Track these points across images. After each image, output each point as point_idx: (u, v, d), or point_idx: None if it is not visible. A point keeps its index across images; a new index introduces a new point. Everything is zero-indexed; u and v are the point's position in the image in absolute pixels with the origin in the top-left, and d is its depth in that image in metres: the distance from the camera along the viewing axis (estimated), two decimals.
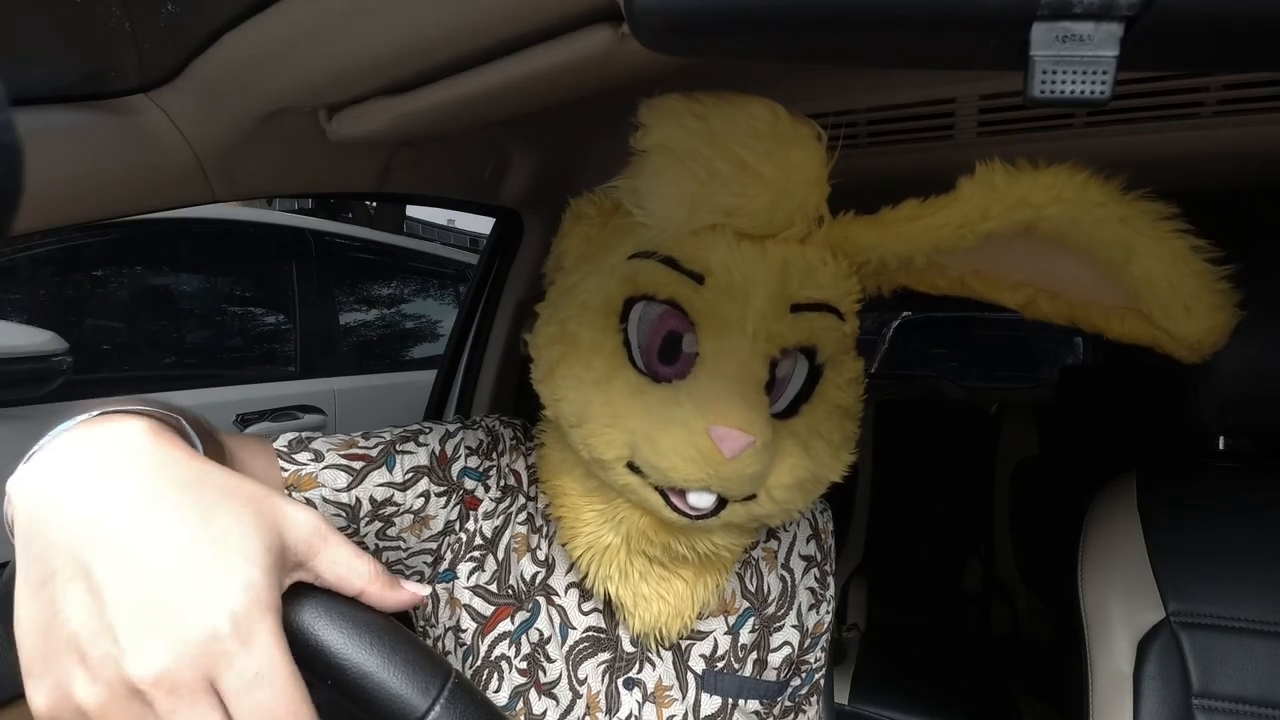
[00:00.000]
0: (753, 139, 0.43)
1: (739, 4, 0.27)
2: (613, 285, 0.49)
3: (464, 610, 0.56)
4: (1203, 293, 0.44)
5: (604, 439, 0.48)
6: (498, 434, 0.60)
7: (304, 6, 0.43)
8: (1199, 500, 0.74)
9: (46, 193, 0.48)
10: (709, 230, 0.47)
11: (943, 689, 1.44)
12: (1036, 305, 0.50)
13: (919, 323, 3.72)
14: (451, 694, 0.27)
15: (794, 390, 0.50)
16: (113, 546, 0.25)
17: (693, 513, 0.47)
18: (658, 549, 0.52)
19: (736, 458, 0.44)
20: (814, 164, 0.46)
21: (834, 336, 0.49)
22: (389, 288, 2.83)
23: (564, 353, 0.50)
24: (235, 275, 2.17)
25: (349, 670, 0.26)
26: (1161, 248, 0.43)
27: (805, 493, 0.50)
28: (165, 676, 0.23)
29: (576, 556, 0.55)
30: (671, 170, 0.45)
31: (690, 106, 0.44)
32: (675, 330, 0.49)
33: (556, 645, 0.56)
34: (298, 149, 0.62)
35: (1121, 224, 0.43)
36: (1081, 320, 0.50)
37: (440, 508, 0.54)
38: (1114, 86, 0.26)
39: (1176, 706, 0.68)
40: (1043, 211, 0.43)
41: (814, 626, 0.64)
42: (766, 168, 0.44)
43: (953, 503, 1.92)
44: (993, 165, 0.44)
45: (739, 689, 0.59)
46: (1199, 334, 0.45)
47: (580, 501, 0.54)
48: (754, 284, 0.46)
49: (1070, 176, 0.42)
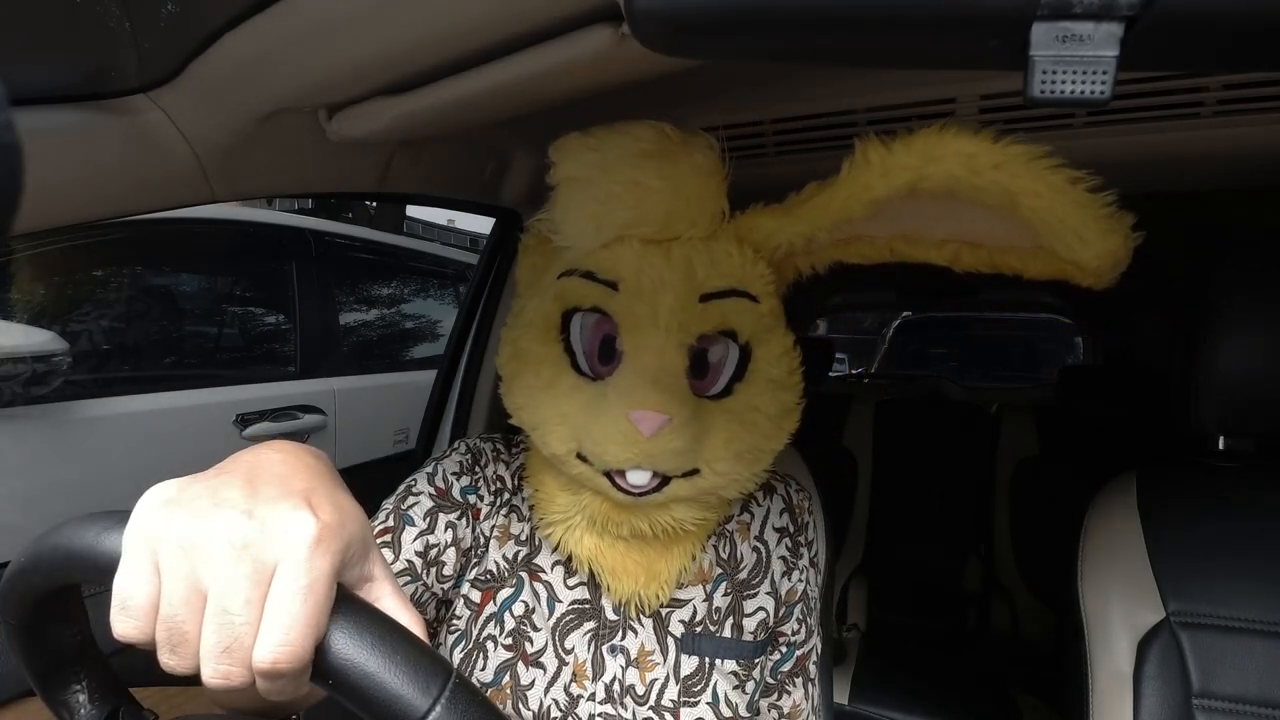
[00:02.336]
0: (641, 159, 0.51)
1: (739, 4, 0.27)
2: (548, 302, 0.56)
3: (462, 601, 0.61)
4: (1090, 220, 0.45)
5: (555, 435, 0.55)
6: (478, 450, 0.66)
7: (304, 6, 0.43)
8: (1199, 500, 0.74)
9: (46, 193, 0.48)
10: (618, 243, 0.54)
11: (942, 689, 1.44)
12: (961, 258, 0.53)
13: (919, 323, 3.72)
14: (453, 694, 0.27)
15: (729, 371, 0.56)
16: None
17: (634, 490, 0.53)
18: (624, 529, 0.58)
19: (656, 435, 0.50)
20: (704, 171, 0.53)
21: (750, 317, 0.55)
22: (389, 288, 2.83)
23: (518, 368, 0.57)
24: (235, 275, 2.17)
25: (350, 671, 0.26)
26: (1039, 184, 0.45)
27: (748, 463, 0.56)
28: (249, 543, 0.26)
29: (556, 540, 0.60)
30: (577, 198, 0.53)
31: (585, 140, 0.53)
32: (609, 333, 0.55)
33: (542, 617, 0.61)
34: (298, 149, 0.62)
35: (996, 170, 0.45)
36: (1002, 265, 0.53)
37: (464, 528, 0.60)
38: (1114, 86, 0.26)
39: (1176, 706, 0.68)
40: (920, 172, 0.46)
41: (787, 593, 0.68)
42: (656, 181, 0.51)
43: (953, 503, 1.92)
44: (868, 141, 0.48)
45: (715, 649, 0.62)
46: (1098, 259, 0.47)
47: (556, 494, 0.60)
48: (661, 284, 0.53)
49: (939, 135, 0.45)
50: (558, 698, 0.59)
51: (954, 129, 0.45)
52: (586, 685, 0.59)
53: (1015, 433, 1.86)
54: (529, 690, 0.58)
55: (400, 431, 2.35)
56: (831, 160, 0.48)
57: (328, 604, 0.27)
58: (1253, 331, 0.69)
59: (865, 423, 2.02)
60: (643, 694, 0.60)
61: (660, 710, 0.60)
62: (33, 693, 0.37)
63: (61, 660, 0.36)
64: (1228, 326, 0.70)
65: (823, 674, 0.75)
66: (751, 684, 0.64)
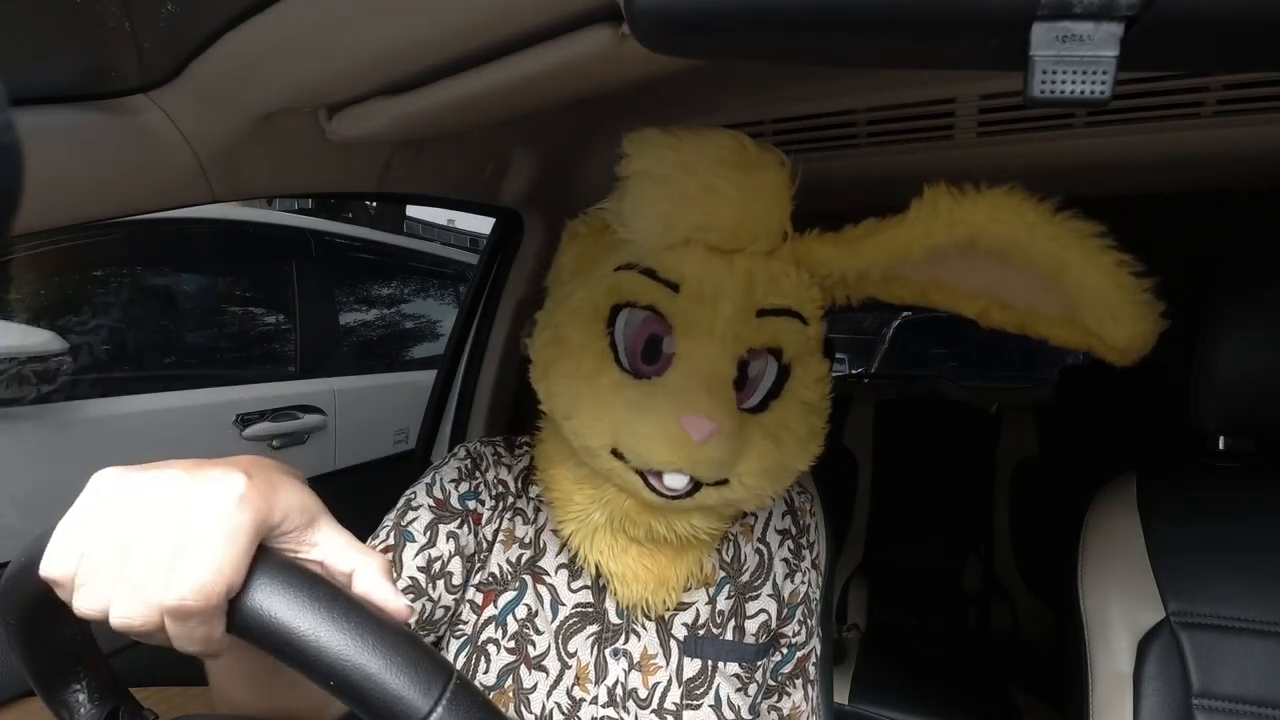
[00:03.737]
0: (719, 166, 0.50)
1: (739, 4, 0.27)
2: (600, 294, 0.55)
3: (466, 605, 0.60)
4: (1126, 304, 0.48)
5: (591, 429, 0.53)
6: (478, 454, 0.65)
7: (304, 6, 0.43)
8: (1199, 500, 0.74)
9: (46, 193, 0.48)
10: (683, 245, 0.53)
11: (943, 689, 1.44)
12: (990, 315, 0.55)
13: (919, 323, 3.72)
14: (454, 694, 0.27)
15: (765, 387, 0.55)
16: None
17: (669, 493, 0.53)
18: (641, 530, 0.57)
19: (704, 442, 0.49)
20: (775, 188, 0.53)
21: (798, 338, 0.55)
22: (389, 288, 2.83)
23: (557, 354, 0.56)
24: (235, 275, 2.17)
25: (351, 672, 0.26)
26: (1088, 262, 0.48)
27: (773, 480, 0.56)
28: (178, 498, 0.27)
29: (567, 535, 0.59)
30: (649, 194, 0.52)
31: (665, 139, 0.51)
32: (656, 333, 0.54)
33: (545, 620, 0.60)
34: (298, 149, 0.62)
35: (1052, 241, 0.47)
36: (1029, 328, 0.55)
37: (466, 535, 0.60)
38: (1114, 86, 0.26)
39: (1176, 707, 0.68)
40: (982, 229, 0.48)
41: (789, 595, 0.68)
42: (731, 191, 0.51)
43: (953, 503, 1.92)
44: (938, 188, 0.50)
45: (718, 652, 0.62)
46: (1125, 340, 0.50)
47: (571, 488, 0.59)
48: (722, 292, 0.52)
49: (1007, 198, 0.48)
50: (560, 701, 0.58)
51: (1020, 195, 0.48)
52: (589, 689, 0.59)
53: (1015, 433, 1.86)
54: (531, 694, 0.58)
55: (400, 431, 2.35)
56: (832, 160, 0.48)
57: (244, 554, 0.27)
58: (1253, 331, 0.69)
59: (865, 423, 2.02)
60: (645, 697, 0.60)
61: (663, 713, 0.60)
62: (33, 693, 0.37)
63: (61, 660, 0.36)
64: (1228, 326, 0.70)
65: (823, 674, 0.75)
66: (754, 686, 0.64)
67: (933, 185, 0.50)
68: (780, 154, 0.54)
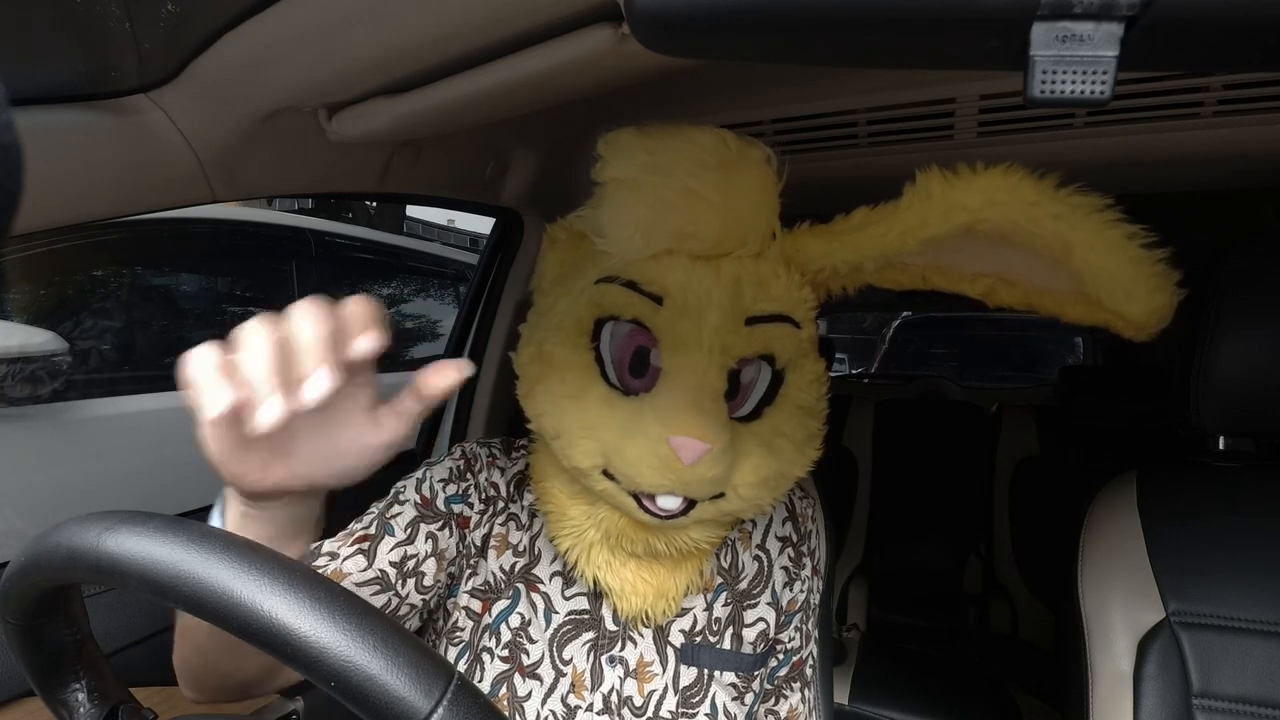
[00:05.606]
0: (700, 168, 0.47)
1: (739, 4, 0.27)
2: (582, 307, 0.53)
3: (462, 612, 0.60)
4: (1140, 277, 0.46)
5: (580, 449, 0.51)
6: (473, 455, 0.64)
7: (304, 6, 0.43)
8: (1199, 500, 0.74)
9: (46, 193, 0.48)
10: (666, 254, 0.50)
11: (943, 689, 1.44)
12: (996, 294, 0.53)
13: (919, 323, 3.72)
14: (454, 695, 0.27)
15: (759, 395, 0.54)
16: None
17: (662, 514, 0.51)
18: (639, 546, 0.56)
19: (695, 463, 0.48)
20: (761, 188, 0.50)
21: (790, 343, 0.53)
22: (389, 288, 2.83)
23: (542, 371, 0.54)
24: (235, 275, 2.17)
25: (352, 673, 0.26)
26: (1096, 239, 0.45)
27: (770, 489, 0.54)
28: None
29: (564, 550, 0.58)
30: (626, 201, 0.49)
31: (641, 141, 0.48)
32: (643, 345, 0.52)
33: (539, 628, 0.59)
34: (298, 149, 0.62)
35: (1056, 220, 0.45)
36: (1039, 306, 0.52)
37: (447, 539, 0.58)
38: (1114, 86, 0.26)
39: (1176, 706, 0.68)
40: (979, 214, 0.45)
41: (788, 603, 0.67)
42: (714, 194, 0.48)
43: (953, 503, 1.92)
44: (930, 173, 0.47)
45: (715, 660, 0.61)
46: (1142, 315, 0.47)
47: (566, 501, 0.58)
48: (708, 303, 0.50)
49: (1004, 178, 0.45)
50: (555, 709, 0.58)
51: (1018, 173, 0.45)
52: (585, 696, 0.58)
53: (1015, 432, 1.86)
54: (526, 702, 0.57)
55: None
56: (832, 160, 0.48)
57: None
58: (1252, 332, 0.69)
59: (865, 422, 2.02)
60: (641, 705, 0.59)
61: None
62: (33, 693, 0.37)
63: (61, 660, 0.36)
64: (1227, 327, 0.70)
65: (823, 674, 0.75)
66: (750, 695, 0.63)
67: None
68: (765, 149, 0.51)
